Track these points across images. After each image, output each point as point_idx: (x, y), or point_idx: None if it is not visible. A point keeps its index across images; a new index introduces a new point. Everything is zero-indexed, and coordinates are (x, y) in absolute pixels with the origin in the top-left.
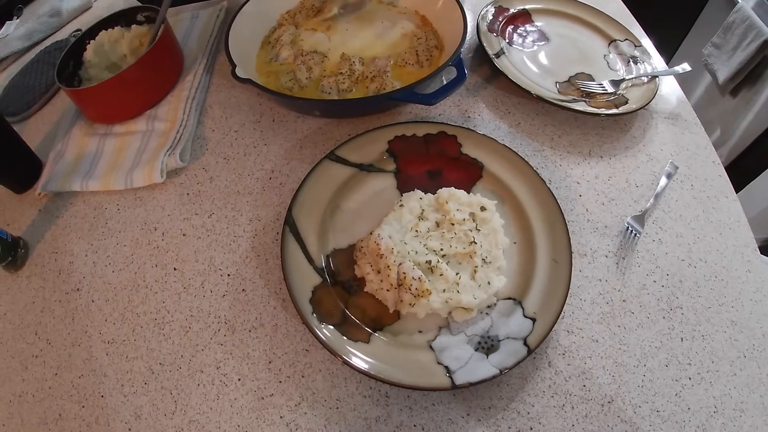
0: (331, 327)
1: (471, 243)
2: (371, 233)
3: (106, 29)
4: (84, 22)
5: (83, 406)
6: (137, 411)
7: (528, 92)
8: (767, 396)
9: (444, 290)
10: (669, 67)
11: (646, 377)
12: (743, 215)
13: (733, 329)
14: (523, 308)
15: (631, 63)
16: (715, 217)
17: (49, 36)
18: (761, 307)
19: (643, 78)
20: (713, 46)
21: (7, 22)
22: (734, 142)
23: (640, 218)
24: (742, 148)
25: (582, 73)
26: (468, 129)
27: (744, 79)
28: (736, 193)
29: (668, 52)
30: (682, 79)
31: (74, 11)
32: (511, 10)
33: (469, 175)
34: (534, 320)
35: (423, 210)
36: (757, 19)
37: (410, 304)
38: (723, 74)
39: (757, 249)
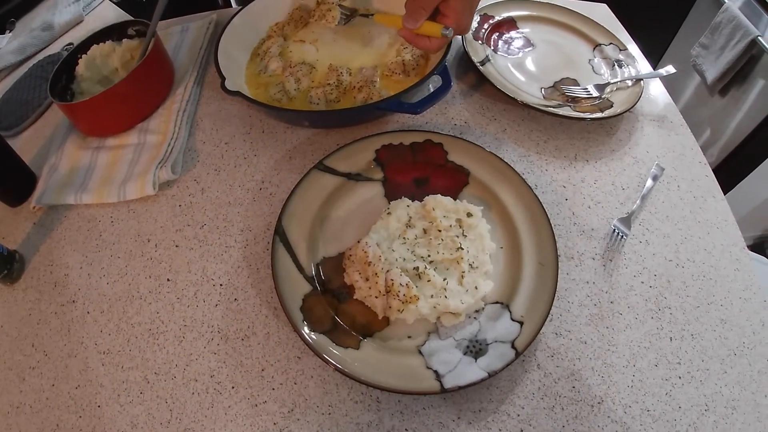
0: (322, 334)
1: (458, 249)
2: (359, 241)
3: (98, 43)
4: (76, 36)
5: (80, 417)
6: (133, 420)
7: (513, 99)
8: (759, 393)
9: (432, 296)
10: (656, 70)
11: (636, 377)
12: (731, 214)
13: (722, 327)
14: (510, 312)
15: (616, 67)
16: (703, 217)
17: (42, 50)
18: (750, 304)
19: (627, 81)
20: (701, 47)
21: None
22: (724, 141)
23: (627, 220)
24: (732, 147)
25: (567, 78)
26: (454, 137)
27: (732, 79)
28: (727, 192)
29: (657, 54)
30: (671, 81)
31: (66, 25)
32: (497, 18)
33: (455, 181)
34: (521, 323)
35: (410, 217)
36: (744, 18)
37: (399, 310)
38: (711, 74)
39: (746, 247)
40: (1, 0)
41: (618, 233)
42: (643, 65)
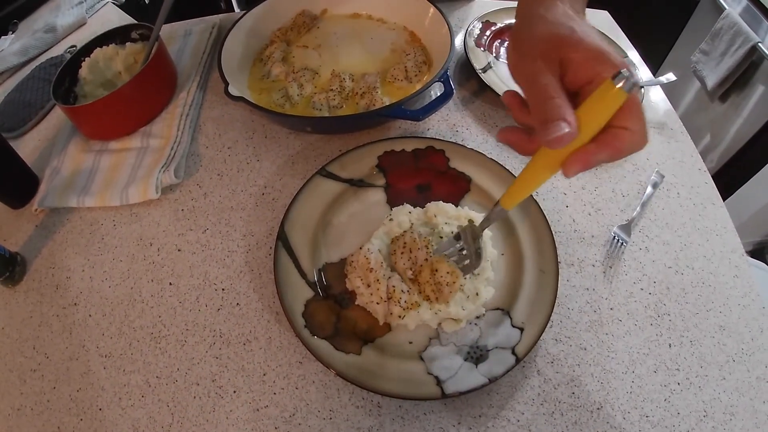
0: (324, 339)
1: None
2: (361, 247)
3: (101, 46)
4: (79, 38)
5: (81, 419)
6: (135, 424)
7: None
8: (757, 399)
9: None
10: (656, 77)
11: (635, 383)
12: (730, 221)
13: (721, 334)
14: (511, 318)
15: None
16: (702, 224)
17: (45, 52)
18: (749, 311)
19: None
20: (701, 53)
21: (2, 37)
22: (724, 147)
23: (627, 227)
24: (732, 153)
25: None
26: (456, 143)
27: (733, 85)
28: (727, 197)
29: (657, 60)
30: (672, 87)
31: (69, 27)
32: (498, 25)
33: (457, 188)
34: (522, 330)
35: (412, 224)
36: (745, 24)
37: (400, 317)
38: (712, 80)
39: (745, 254)
40: (3, 1)
41: (618, 240)
42: (644, 72)
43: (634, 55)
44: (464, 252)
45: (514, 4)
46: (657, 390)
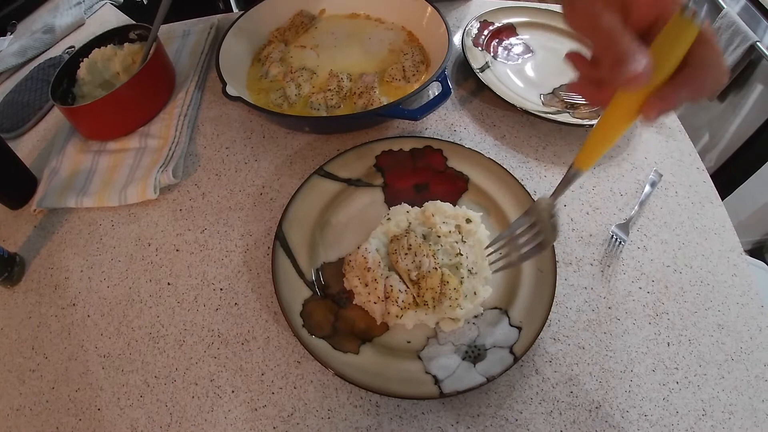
0: (322, 339)
1: (457, 254)
2: (359, 247)
3: (99, 47)
4: (77, 39)
5: (80, 420)
6: (133, 424)
7: (513, 105)
8: (756, 398)
9: None
10: None
11: (633, 382)
12: (728, 220)
13: (720, 333)
14: (509, 317)
15: None
16: (700, 223)
17: (43, 52)
18: (748, 310)
19: None
20: None
21: (1, 38)
22: (723, 146)
23: (625, 226)
24: (731, 152)
25: (566, 84)
26: (453, 143)
27: (731, 84)
28: (726, 196)
29: None
30: None
31: (67, 28)
32: (496, 24)
33: (454, 187)
34: (520, 329)
35: (410, 223)
36: (743, 23)
37: (397, 317)
38: None
39: (743, 253)
40: (2, 2)
41: (616, 239)
42: None
43: None
44: (538, 227)
45: (513, 3)
46: (655, 389)
